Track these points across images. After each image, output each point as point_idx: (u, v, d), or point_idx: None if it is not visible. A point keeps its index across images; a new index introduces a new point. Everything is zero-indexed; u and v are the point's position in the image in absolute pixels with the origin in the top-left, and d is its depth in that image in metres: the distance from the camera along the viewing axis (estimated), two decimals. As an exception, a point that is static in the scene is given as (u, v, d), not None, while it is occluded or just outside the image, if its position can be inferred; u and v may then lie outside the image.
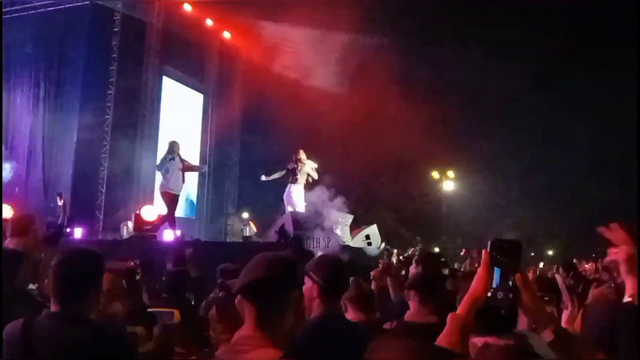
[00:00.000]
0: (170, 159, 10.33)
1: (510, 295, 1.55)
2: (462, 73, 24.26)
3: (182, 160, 10.52)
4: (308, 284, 2.54)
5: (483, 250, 1.58)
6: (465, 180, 27.92)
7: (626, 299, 1.83)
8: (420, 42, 20.87)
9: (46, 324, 2.17)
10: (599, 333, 1.87)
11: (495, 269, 1.55)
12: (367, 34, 17.01)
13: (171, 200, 10.35)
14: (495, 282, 1.55)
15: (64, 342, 2.11)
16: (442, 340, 1.52)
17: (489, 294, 1.55)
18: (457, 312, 1.57)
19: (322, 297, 2.57)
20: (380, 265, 5.02)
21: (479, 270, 1.57)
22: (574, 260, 10.76)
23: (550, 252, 31.97)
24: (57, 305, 2.22)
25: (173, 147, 10.54)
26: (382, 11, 17.57)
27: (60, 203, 6.65)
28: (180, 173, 10.37)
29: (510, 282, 1.55)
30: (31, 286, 3.97)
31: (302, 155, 11.08)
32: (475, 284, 1.57)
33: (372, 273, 4.92)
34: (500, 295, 1.55)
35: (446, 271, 5.61)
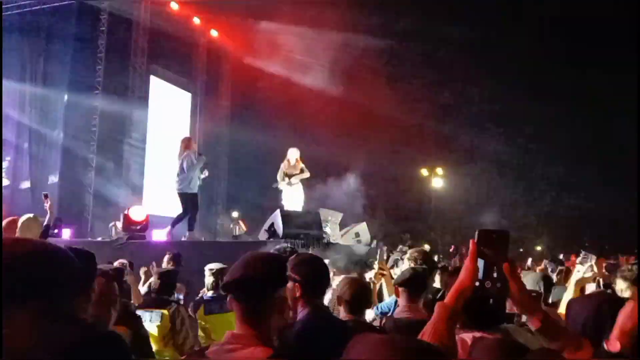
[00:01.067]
0: (190, 157, 9.70)
1: (498, 285, 1.55)
2: (451, 70, 24.36)
3: (199, 157, 9.92)
4: (289, 284, 2.49)
5: (470, 240, 1.59)
6: (454, 178, 28.02)
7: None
8: (410, 41, 20.91)
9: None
10: (582, 326, 1.90)
11: (482, 259, 1.56)
12: (355, 31, 17.03)
13: (190, 200, 9.79)
14: (482, 272, 1.56)
15: (55, 342, 2.09)
16: (428, 328, 1.52)
17: (477, 284, 1.56)
18: (445, 301, 1.58)
19: (305, 296, 2.55)
20: (376, 267, 5.03)
21: (467, 260, 1.58)
22: (561, 256, 10.86)
23: (538, 248, 32.18)
24: None
25: (190, 143, 9.94)
26: (370, 9, 17.60)
27: (46, 204, 6.59)
28: (198, 171, 9.86)
29: (498, 272, 1.56)
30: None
31: (289, 153, 10.77)
32: (463, 273, 1.58)
33: (369, 276, 4.92)
34: (488, 284, 1.55)
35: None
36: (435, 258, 9.24)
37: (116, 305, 2.95)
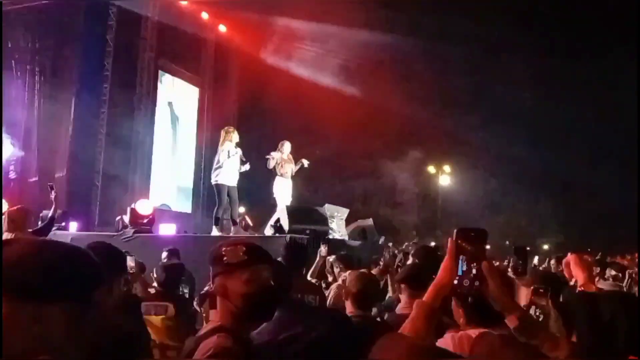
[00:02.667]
0: (234, 149, 9.32)
1: (477, 283, 1.56)
2: (460, 68, 24.27)
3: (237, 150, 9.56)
4: None
5: (449, 239, 1.60)
6: (461, 175, 27.98)
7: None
8: (419, 37, 20.82)
9: None
10: (593, 324, 1.87)
11: (461, 257, 1.57)
12: (365, 27, 16.96)
13: (223, 192, 9.45)
14: (461, 270, 1.56)
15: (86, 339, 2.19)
16: (407, 325, 1.54)
17: (456, 282, 1.56)
18: (424, 299, 1.58)
19: None
20: (382, 263, 5.03)
21: (445, 258, 1.59)
22: (569, 254, 10.79)
23: (545, 247, 32.06)
24: None
25: (230, 134, 9.46)
26: (380, 4, 17.54)
27: (52, 195, 6.61)
28: (237, 164, 9.52)
29: (477, 270, 1.56)
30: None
31: (283, 146, 10.40)
32: (441, 272, 1.59)
33: (373, 272, 4.92)
34: (466, 283, 1.57)
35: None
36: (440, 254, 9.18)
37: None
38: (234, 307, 1.91)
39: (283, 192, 10.33)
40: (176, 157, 19.21)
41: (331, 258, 5.61)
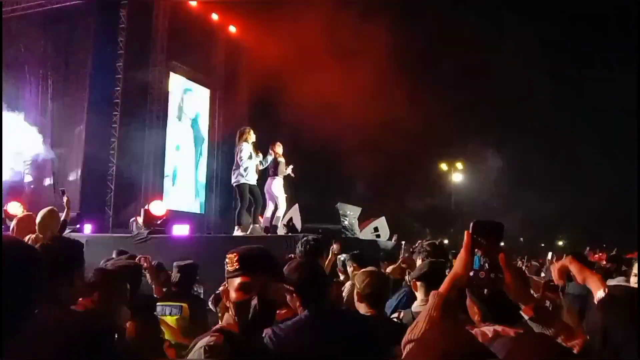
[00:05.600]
0: (245, 149, 9.32)
1: (492, 275, 1.57)
2: (474, 66, 24.16)
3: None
4: (288, 295, 2.62)
5: (465, 232, 1.60)
6: (474, 172, 27.86)
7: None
8: (432, 35, 20.76)
9: None
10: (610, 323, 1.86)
11: (477, 250, 1.58)
12: (375, 26, 16.89)
13: (244, 191, 9.53)
14: (477, 263, 1.57)
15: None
16: (423, 315, 1.57)
17: (471, 274, 1.57)
18: (439, 289, 1.59)
19: (302, 302, 2.60)
20: (400, 260, 5.01)
21: (461, 250, 1.60)
22: (588, 249, 10.71)
23: (560, 243, 31.83)
24: None
25: (246, 135, 9.44)
26: (390, 4, 17.50)
27: (64, 200, 6.71)
28: (255, 162, 9.57)
29: (493, 263, 1.56)
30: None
31: (278, 148, 10.14)
32: (457, 264, 1.61)
33: (388, 270, 4.89)
34: (482, 275, 1.58)
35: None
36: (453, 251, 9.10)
37: (123, 302, 2.99)
38: (232, 313, 1.98)
39: (282, 191, 10.14)
40: (188, 158, 19.30)
41: (343, 257, 5.60)
